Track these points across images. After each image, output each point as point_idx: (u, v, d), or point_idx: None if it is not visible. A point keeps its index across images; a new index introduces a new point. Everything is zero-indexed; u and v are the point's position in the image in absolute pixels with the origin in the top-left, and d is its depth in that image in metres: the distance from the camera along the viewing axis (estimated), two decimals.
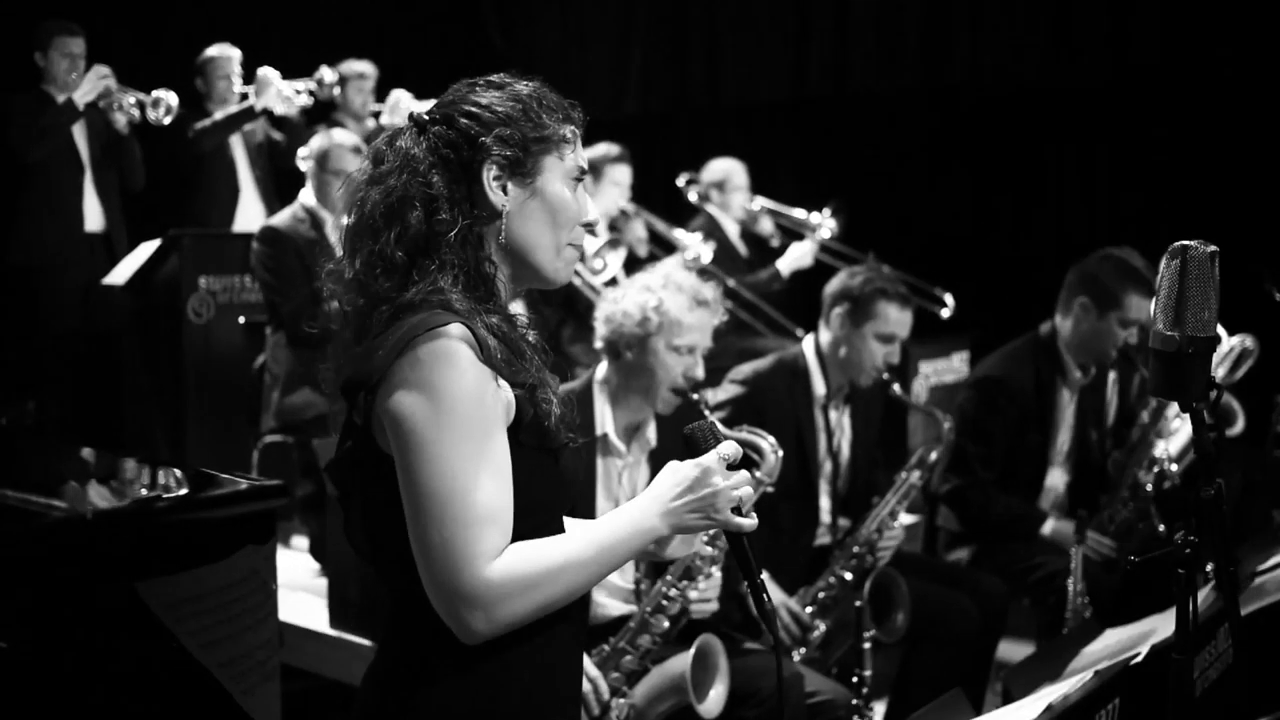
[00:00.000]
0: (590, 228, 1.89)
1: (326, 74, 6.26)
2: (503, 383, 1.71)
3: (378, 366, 1.67)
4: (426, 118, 1.82)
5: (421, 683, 1.72)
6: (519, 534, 1.71)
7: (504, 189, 1.79)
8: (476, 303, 1.74)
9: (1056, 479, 4.27)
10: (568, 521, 1.82)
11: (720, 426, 1.85)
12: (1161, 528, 4.24)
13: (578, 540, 1.72)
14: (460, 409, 1.64)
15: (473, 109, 1.80)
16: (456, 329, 1.67)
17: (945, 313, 6.23)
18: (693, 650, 3.02)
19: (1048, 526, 4.11)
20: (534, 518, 1.74)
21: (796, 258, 6.42)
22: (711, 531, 3.05)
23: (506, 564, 1.65)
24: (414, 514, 1.65)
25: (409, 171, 1.77)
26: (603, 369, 3.28)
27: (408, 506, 1.65)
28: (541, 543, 1.70)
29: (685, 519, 1.77)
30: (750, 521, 1.81)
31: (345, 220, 1.81)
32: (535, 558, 1.68)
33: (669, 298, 3.17)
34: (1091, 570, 3.97)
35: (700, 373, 3.21)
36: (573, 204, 1.84)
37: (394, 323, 1.70)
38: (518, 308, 1.90)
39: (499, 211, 1.79)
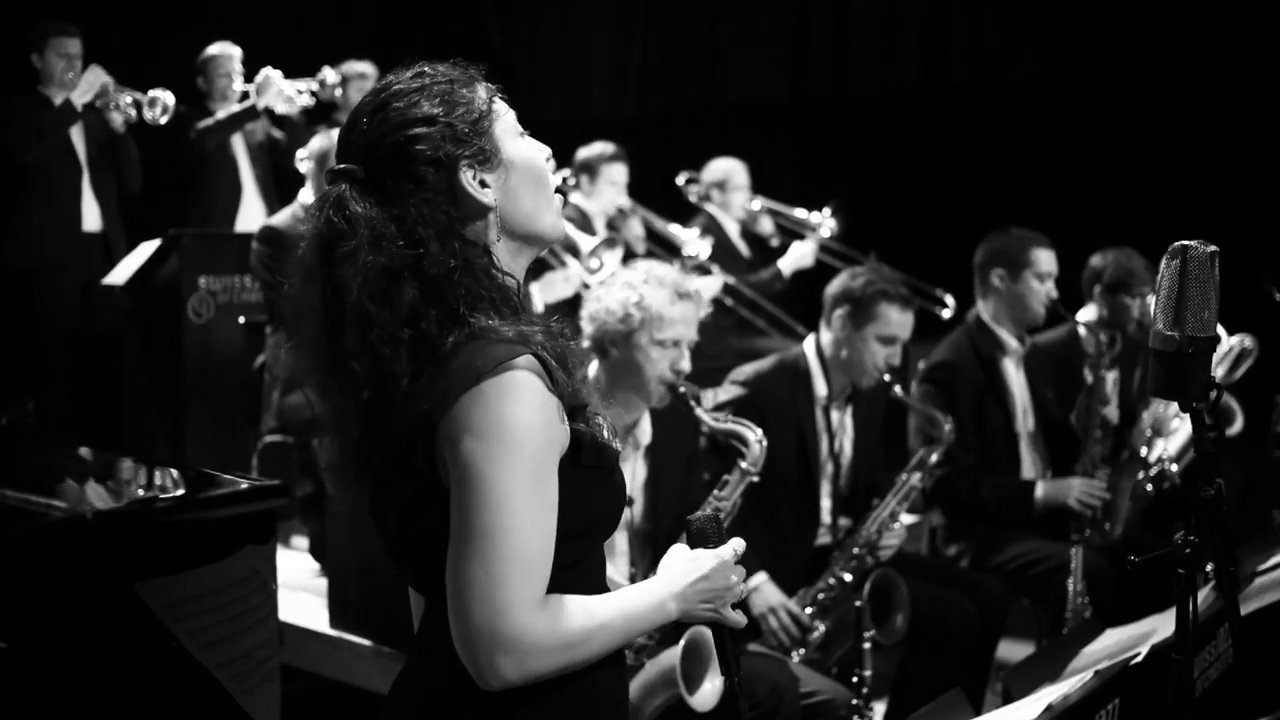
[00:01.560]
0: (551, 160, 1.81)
1: (329, 74, 6.26)
2: (564, 417, 1.64)
3: (438, 405, 1.59)
4: (364, 171, 1.67)
5: (471, 704, 1.64)
6: (584, 551, 1.70)
7: (482, 184, 1.69)
8: (514, 322, 1.65)
9: (1029, 453, 4.31)
10: (604, 603, 1.72)
11: (722, 515, 1.86)
12: (1144, 452, 4.30)
13: (610, 607, 1.68)
14: (525, 447, 1.58)
15: (412, 131, 1.66)
16: (525, 360, 1.60)
17: (946, 313, 6.23)
18: (682, 643, 3.01)
19: (1040, 490, 4.13)
20: (598, 533, 1.74)
21: (798, 257, 6.41)
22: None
23: (553, 617, 1.60)
24: (460, 548, 1.58)
25: (378, 238, 1.62)
26: (594, 368, 3.27)
27: (454, 539, 1.59)
28: (586, 602, 1.66)
29: (697, 608, 1.75)
30: (743, 619, 1.81)
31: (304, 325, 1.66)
32: (580, 616, 1.63)
33: (650, 293, 3.16)
34: (1091, 570, 3.97)
35: (686, 365, 3.20)
36: (538, 153, 1.77)
37: (446, 363, 1.60)
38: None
39: (490, 207, 1.69)
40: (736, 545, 1.78)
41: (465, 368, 1.58)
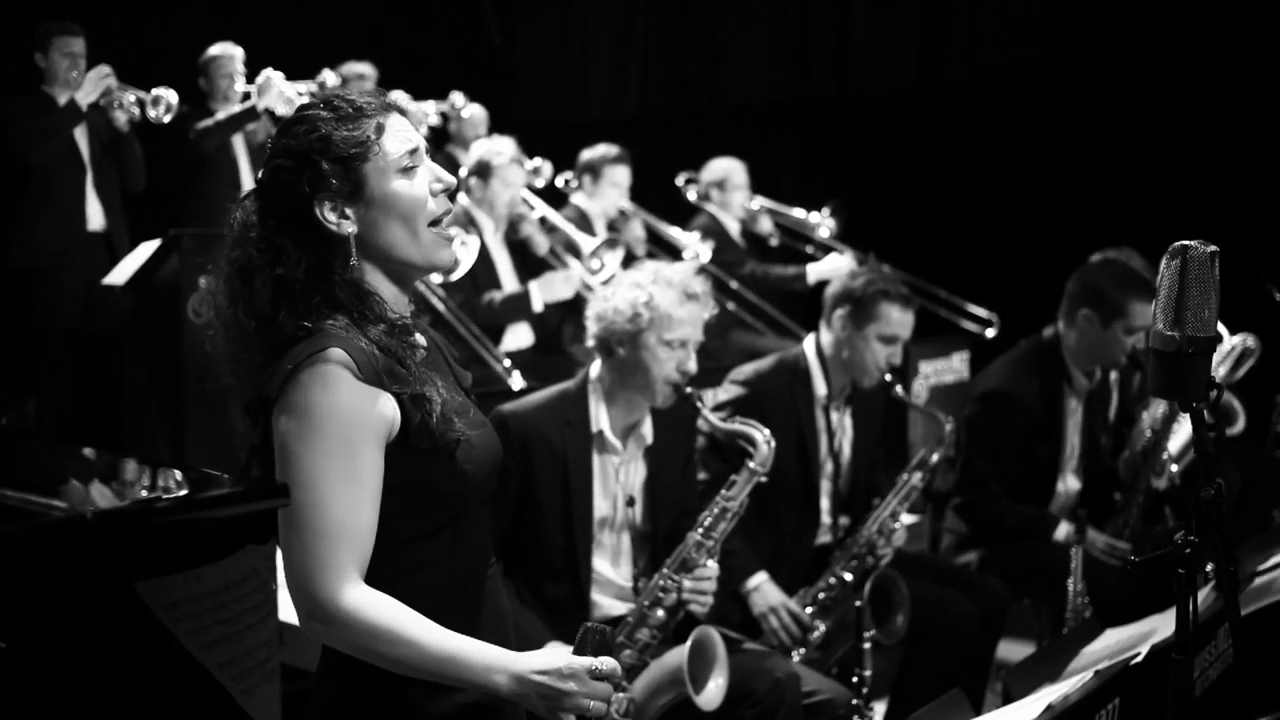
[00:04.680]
0: (449, 190, 1.93)
1: (329, 76, 6.26)
2: (386, 398, 1.80)
3: (269, 393, 1.80)
4: (261, 185, 1.92)
5: (353, 682, 1.86)
6: (434, 525, 1.85)
7: (344, 215, 1.86)
8: (356, 319, 1.84)
9: (1068, 484, 4.25)
10: (436, 630, 1.81)
11: (612, 635, 1.92)
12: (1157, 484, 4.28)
13: (433, 634, 1.79)
14: (327, 428, 1.76)
15: (281, 162, 1.88)
16: (335, 353, 1.78)
17: (990, 332, 6.20)
18: (689, 643, 3.02)
19: (1060, 531, 4.08)
20: (443, 512, 1.87)
21: (831, 269, 6.29)
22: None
23: (362, 602, 1.77)
24: (283, 523, 1.77)
25: (245, 241, 1.91)
26: (596, 367, 3.27)
27: (280, 516, 1.77)
28: (403, 610, 1.78)
29: (531, 697, 1.82)
30: None
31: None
32: (388, 615, 1.77)
33: (659, 293, 3.17)
34: (1091, 570, 3.97)
35: (693, 366, 3.21)
36: (408, 194, 1.89)
37: (283, 354, 1.82)
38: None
39: (343, 236, 1.86)
40: (603, 665, 1.84)
41: (289, 359, 1.80)
